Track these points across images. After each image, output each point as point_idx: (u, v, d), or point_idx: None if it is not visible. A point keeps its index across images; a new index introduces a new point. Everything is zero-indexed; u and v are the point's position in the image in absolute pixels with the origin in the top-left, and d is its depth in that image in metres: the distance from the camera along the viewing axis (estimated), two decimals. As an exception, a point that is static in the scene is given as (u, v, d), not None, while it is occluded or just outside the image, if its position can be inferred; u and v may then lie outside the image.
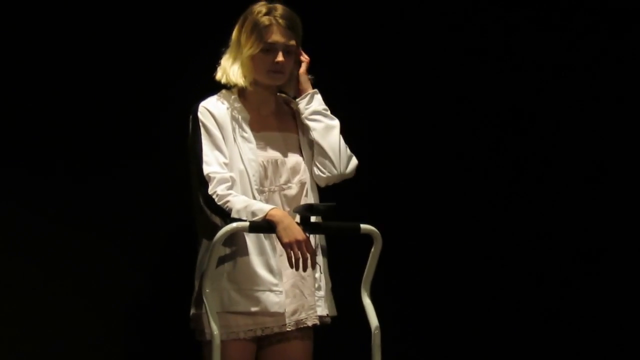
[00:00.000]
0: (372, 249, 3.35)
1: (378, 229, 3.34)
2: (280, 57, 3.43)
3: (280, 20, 3.43)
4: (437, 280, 4.56)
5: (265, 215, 3.25)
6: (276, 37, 3.43)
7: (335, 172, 3.50)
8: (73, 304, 4.03)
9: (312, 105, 3.53)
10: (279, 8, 3.46)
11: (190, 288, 3.46)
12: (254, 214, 3.26)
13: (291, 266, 3.26)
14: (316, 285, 3.45)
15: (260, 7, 3.46)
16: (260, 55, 3.43)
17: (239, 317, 3.37)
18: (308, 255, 3.25)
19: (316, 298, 3.44)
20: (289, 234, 3.24)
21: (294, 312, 3.41)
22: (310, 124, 3.52)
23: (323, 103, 3.55)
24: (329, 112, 3.54)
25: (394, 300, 4.31)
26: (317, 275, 3.45)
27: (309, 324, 3.43)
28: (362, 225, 3.33)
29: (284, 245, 3.25)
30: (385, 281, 3.59)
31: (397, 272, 4.34)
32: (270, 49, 3.43)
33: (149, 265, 4.17)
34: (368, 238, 3.35)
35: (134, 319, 4.13)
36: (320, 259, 3.48)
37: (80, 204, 4.06)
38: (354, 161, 3.54)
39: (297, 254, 3.24)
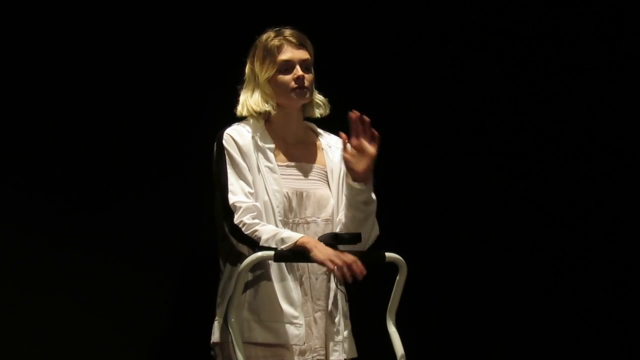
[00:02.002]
0: (397, 277, 3.34)
1: (403, 257, 3.33)
2: (299, 71, 3.39)
3: (290, 38, 3.42)
4: (462, 307, 4.57)
5: (296, 242, 3.22)
6: (289, 53, 3.41)
7: (356, 248, 3.37)
8: (93, 331, 4.06)
9: (364, 195, 3.38)
10: (287, 30, 3.45)
11: (211, 316, 3.43)
12: (283, 241, 3.22)
13: (342, 280, 3.20)
14: (334, 330, 3.41)
15: (268, 34, 3.46)
16: (278, 75, 3.40)
17: (258, 349, 3.34)
18: (351, 261, 3.17)
19: (332, 343, 3.40)
20: (323, 252, 3.18)
21: (302, 353, 3.37)
22: (353, 210, 3.38)
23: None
24: (374, 195, 3.42)
25: (419, 329, 4.30)
26: (337, 319, 3.42)
27: None
28: (387, 254, 3.32)
29: (323, 262, 3.18)
30: (411, 309, 3.59)
31: (422, 300, 4.33)
32: (287, 68, 3.40)
33: (170, 292, 4.19)
34: (393, 266, 3.34)
35: (155, 346, 4.15)
36: (341, 303, 3.45)
37: (99, 232, 4.09)
38: (376, 233, 3.44)
39: (339, 262, 3.17)
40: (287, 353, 3.35)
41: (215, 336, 3.39)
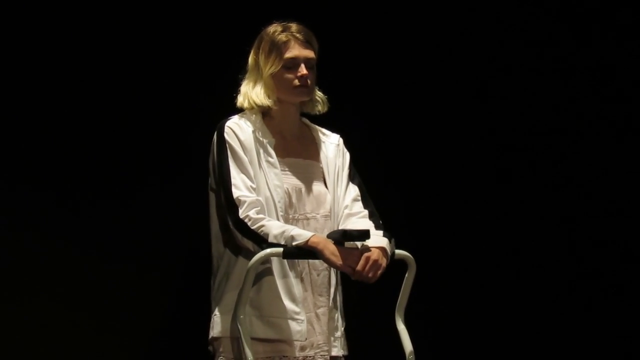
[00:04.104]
0: (406, 275, 3.35)
1: (412, 255, 3.35)
2: (303, 70, 3.39)
3: (297, 35, 3.40)
4: (471, 305, 4.60)
5: (307, 241, 3.21)
6: (296, 51, 3.39)
7: None
8: (90, 329, 4.07)
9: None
10: (294, 25, 3.44)
11: (206, 311, 3.42)
12: (293, 238, 3.21)
13: (365, 279, 3.21)
14: (334, 326, 3.42)
15: (275, 27, 3.44)
16: (283, 72, 3.39)
17: (258, 344, 3.33)
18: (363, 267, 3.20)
19: (333, 338, 3.41)
20: (337, 256, 3.20)
21: (302, 348, 3.37)
22: None
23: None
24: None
25: (428, 326, 4.32)
26: (336, 315, 3.43)
27: None
28: (396, 251, 3.32)
29: (340, 269, 3.22)
30: (419, 306, 3.60)
31: (431, 297, 4.35)
32: (292, 65, 3.39)
33: (166, 287, 4.21)
34: (402, 264, 3.35)
35: (152, 342, 4.15)
36: (339, 299, 3.46)
37: (95, 229, 4.09)
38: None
39: (363, 265, 3.19)
40: (288, 349, 3.35)
41: (215, 331, 3.36)
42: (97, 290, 4.05)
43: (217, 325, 3.35)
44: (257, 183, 3.35)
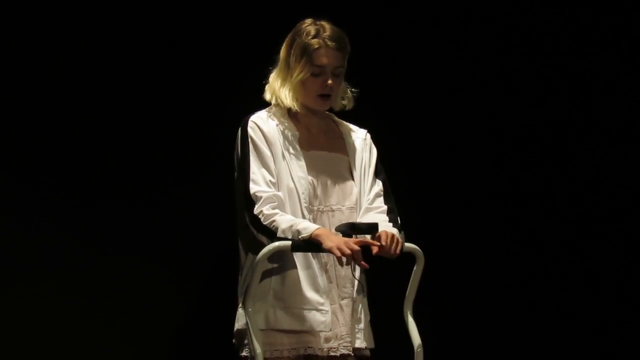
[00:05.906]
0: (415, 268, 3.36)
1: (420, 248, 3.35)
2: (328, 80, 3.42)
3: (329, 43, 3.41)
4: (479, 298, 4.58)
5: (311, 234, 3.23)
6: (325, 59, 3.41)
7: None
8: (115, 320, 4.11)
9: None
10: (328, 29, 3.44)
11: (234, 304, 3.46)
12: (299, 232, 3.24)
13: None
14: (357, 317, 3.43)
15: (309, 28, 3.44)
16: (310, 78, 3.41)
17: (284, 336, 3.37)
18: (355, 252, 3.20)
19: (356, 330, 3.42)
20: (333, 241, 3.21)
21: (327, 340, 3.39)
22: None
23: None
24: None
25: (437, 319, 4.33)
26: (359, 307, 3.44)
27: (338, 354, 3.39)
28: (405, 244, 3.32)
29: (331, 250, 3.20)
30: (428, 299, 3.60)
31: (438, 290, 4.35)
32: (319, 73, 3.41)
33: (193, 281, 4.22)
34: (410, 257, 3.35)
35: (178, 334, 4.18)
36: (362, 290, 3.47)
37: (122, 221, 4.13)
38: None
39: (347, 251, 3.19)
40: (313, 339, 3.37)
41: (240, 323, 3.40)
42: (115, 288, 4.11)
43: (242, 318, 3.38)
44: (281, 175, 3.39)
